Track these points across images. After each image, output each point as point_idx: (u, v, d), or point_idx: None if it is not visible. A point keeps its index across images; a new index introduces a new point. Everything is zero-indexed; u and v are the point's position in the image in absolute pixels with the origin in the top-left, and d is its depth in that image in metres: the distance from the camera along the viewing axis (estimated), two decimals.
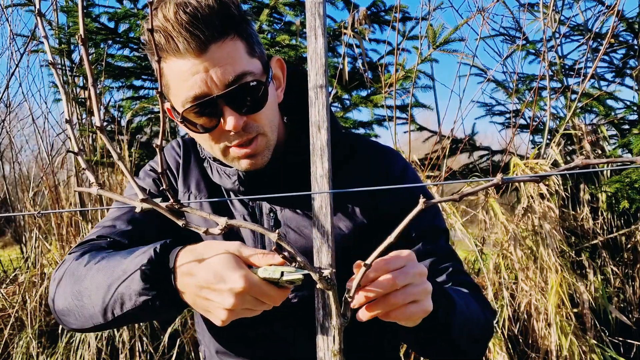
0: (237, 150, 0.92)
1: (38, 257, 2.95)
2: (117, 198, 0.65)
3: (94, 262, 0.87)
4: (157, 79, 0.50)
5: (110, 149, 0.53)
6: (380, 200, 1.02)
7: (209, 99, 0.86)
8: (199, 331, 1.17)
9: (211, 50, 0.84)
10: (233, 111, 0.87)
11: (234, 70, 0.86)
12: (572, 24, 3.50)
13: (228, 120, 0.87)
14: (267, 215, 1.02)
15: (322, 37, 0.76)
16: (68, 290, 0.88)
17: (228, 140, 0.91)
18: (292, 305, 1.01)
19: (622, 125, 3.18)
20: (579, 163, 0.48)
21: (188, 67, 0.84)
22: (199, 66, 0.84)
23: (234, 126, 0.87)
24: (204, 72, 0.84)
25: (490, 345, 2.39)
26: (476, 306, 0.94)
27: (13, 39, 3.48)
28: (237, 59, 0.87)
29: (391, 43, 3.34)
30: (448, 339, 0.84)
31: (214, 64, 0.84)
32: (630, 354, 2.63)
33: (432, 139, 3.35)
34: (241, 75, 0.86)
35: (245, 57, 0.88)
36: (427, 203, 0.54)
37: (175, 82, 0.88)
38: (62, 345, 2.52)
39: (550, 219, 2.56)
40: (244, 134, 0.90)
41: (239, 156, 0.93)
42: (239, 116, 0.88)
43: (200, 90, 0.85)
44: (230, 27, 0.86)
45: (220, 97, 0.86)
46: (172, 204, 0.58)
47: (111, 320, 0.83)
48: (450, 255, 1.02)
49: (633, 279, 2.85)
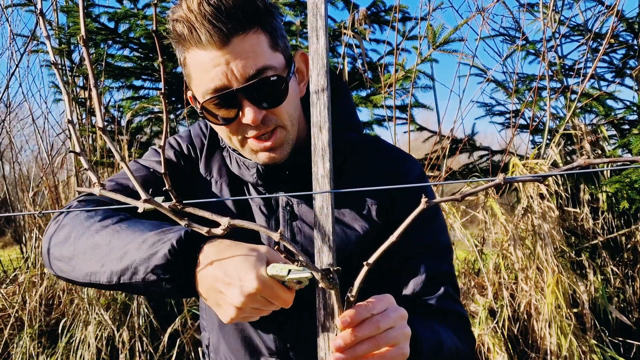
0: (256, 143, 0.92)
1: (38, 257, 2.95)
2: (118, 198, 0.65)
3: (112, 221, 0.85)
4: (157, 79, 0.50)
5: (113, 150, 0.53)
6: (397, 205, 1.02)
7: (228, 91, 0.86)
8: (204, 317, 1.17)
9: (233, 43, 0.84)
10: (252, 105, 0.87)
11: (255, 64, 0.86)
12: (572, 24, 3.50)
13: (247, 114, 0.87)
14: (283, 209, 1.01)
15: (323, 38, 0.76)
16: (73, 238, 0.86)
17: (246, 132, 0.92)
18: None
19: (622, 125, 3.18)
20: (581, 163, 0.48)
21: (210, 59, 0.85)
22: (220, 58, 0.84)
23: (253, 120, 0.87)
24: (225, 64, 0.85)
25: (490, 345, 2.39)
26: (455, 342, 0.94)
27: (13, 39, 3.48)
28: (259, 52, 0.86)
29: (391, 43, 3.34)
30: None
31: (235, 57, 0.84)
32: (630, 354, 2.63)
33: (432, 139, 3.35)
34: (262, 70, 0.86)
35: (267, 50, 0.88)
36: (429, 203, 0.54)
37: (196, 73, 0.89)
38: (62, 345, 2.52)
39: (550, 219, 2.56)
40: (263, 127, 0.90)
41: (258, 149, 0.93)
42: (258, 110, 0.88)
43: (220, 82, 0.86)
44: (254, 20, 0.86)
45: (240, 90, 0.86)
46: (174, 204, 0.58)
47: (114, 284, 0.81)
48: (447, 277, 1.01)
49: (633, 279, 2.86)
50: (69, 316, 2.62)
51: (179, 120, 3.29)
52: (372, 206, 1.01)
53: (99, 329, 2.51)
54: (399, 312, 0.73)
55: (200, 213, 0.61)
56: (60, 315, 2.70)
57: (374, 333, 0.69)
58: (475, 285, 2.71)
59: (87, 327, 2.52)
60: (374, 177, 1.03)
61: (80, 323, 2.55)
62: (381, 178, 1.03)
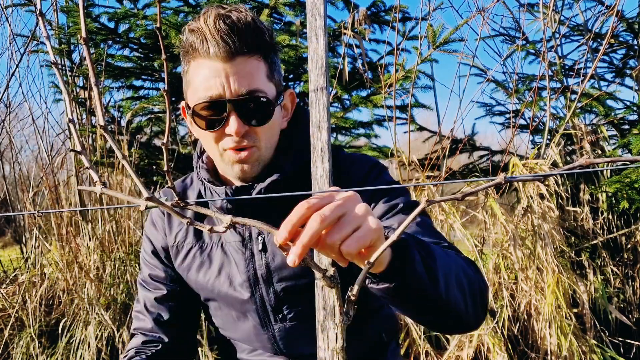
0: (233, 154, 0.99)
1: (38, 257, 2.95)
2: (120, 197, 0.65)
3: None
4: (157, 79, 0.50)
5: (115, 149, 0.53)
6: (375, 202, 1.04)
7: (220, 101, 0.94)
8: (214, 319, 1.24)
9: (237, 61, 0.94)
10: (238, 118, 0.95)
11: (249, 84, 0.95)
12: (572, 24, 3.50)
13: (231, 124, 0.95)
14: (255, 240, 1.06)
15: (323, 38, 0.76)
16: None
17: (226, 143, 0.98)
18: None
19: (622, 125, 3.18)
20: (582, 162, 0.48)
21: (212, 69, 0.94)
22: (222, 71, 0.93)
23: (236, 131, 0.95)
24: (224, 77, 0.93)
25: (490, 346, 2.39)
26: (460, 261, 0.88)
27: (13, 39, 3.48)
28: (256, 76, 0.96)
29: (391, 43, 3.34)
30: (436, 293, 0.75)
31: (235, 73, 0.94)
32: (630, 354, 2.63)
33: (432, 139, 3.35)
34: (254, 91, 0.95)
35: (263, 78, 0.97)
36: (429, 202, 0.54)
37: (196, 80, 0.96)
38: (62, 345, 2.52)
39: (550, 219, 2.56)
40: (241, 141, 0.97)
41: (233, 160, 1.00)
42: (242, 124, 0.95)
43: (217, 92, 0.94)
44: (259, 49, 0.96)
45: (231, 102, 0.94)
46: (176, 202, 0.58)
47: None
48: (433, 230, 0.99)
49: (633, 279, 2.86)
50: (69, 316, 2.62)
51: (179, 120, 3.29)
52: None
53: (99, 329, 2.51)
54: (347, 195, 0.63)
55: (202, 211, 0.61)
56: (60, 316, 2.70)
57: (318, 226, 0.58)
58: None
59: (87, 327, 2.52)
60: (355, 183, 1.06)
61: (80, 323, 2.55)
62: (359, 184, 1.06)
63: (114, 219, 2.79)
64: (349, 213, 0.60)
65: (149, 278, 1.19)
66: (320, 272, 0.63)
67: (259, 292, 1.06)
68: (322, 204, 0.60)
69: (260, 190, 1.01)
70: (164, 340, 1.16)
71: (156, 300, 1.17)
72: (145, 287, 1.19)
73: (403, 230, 0.58)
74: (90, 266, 2.70)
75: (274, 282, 1.05)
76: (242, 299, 1.08)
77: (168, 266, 1.18)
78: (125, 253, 2.71)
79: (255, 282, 1.06)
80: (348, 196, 0.62)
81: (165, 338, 1.16)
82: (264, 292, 1.06)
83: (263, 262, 1.05)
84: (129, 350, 1.16)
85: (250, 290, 1.06)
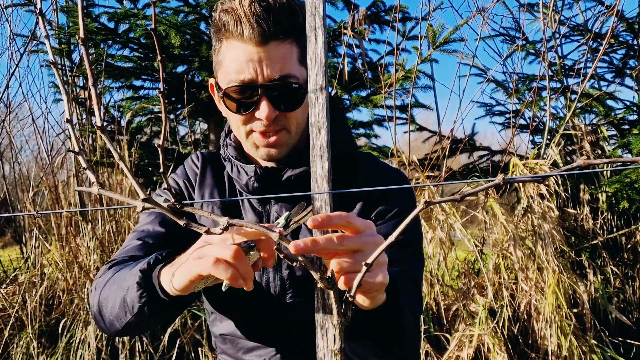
0: (260, 138, 1.00)
1: (38, 258, 2.95)
2: (117, 197, 0.65)
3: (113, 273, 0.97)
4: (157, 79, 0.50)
5: (111, 149, 0.53)
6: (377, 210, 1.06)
7: (252, 85, 0.94)
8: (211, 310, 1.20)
9: (270, 45, 0.93)
10: (269, 103, 0.95)
11: (281, 69, 0.94)
12: (572, 24, 3.50)
13: (262, 109, 0.95)
14: (273, 222, 1.06)
15: (322, 38, 0.76)
16: (96, 298, 0.97)
17: (255, 126, 0.99)
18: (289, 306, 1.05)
19: (621, 125, 3.18)
20: (581, 163, 0.48)
21: (245, 53, 0.93)
22: (255, 55, 0.93)
23: (267, 116, 0.95)
24: (257, 61, 0.93)
25: (490, 346, 2.39)
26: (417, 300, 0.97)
27: (13, 39, 3.48)
28: (288, 61, 0.95)
29: (391, 43, 3.34)
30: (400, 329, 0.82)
31: (268, 57, 0.93)
32: (630, 354, 2.63)
33: (432, 139, 3.35)
34: (286, 76, 0.95)
35: (296, 62, 0.97)
36: (428, 203, 0.54)
37: (229, 62, 0.96)
38: (62, 345, 2.52)
39: (550, 219, 2.56)
40: (271, 125, 0.98)
41: (260, 144, 1.01)
42: (273, 109, 0.96)
43: (249, 76, 0.94)
44: (293, 33, 0.95)
45: (263, 87, 0.94)
46: (173, 204, 0.58)
47: (124, 327, 0.90)
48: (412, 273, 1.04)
49: (633, 279, 2.85)
50: (69, 316, 2.62)
51: (179, 120, 3.29)
52: (367, 211, 1.06)
53: (99, 329, 2.51)
54: (374, 238, 0.67)
55: (199, 212, 0.61)
56: (60, 316, 2.70)
57: (331, 247, 0.64)
58: (475, 285, 2.71)
59: (87, 327, 2.52)
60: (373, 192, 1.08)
61: (80, 323, 2.55)
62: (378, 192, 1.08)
63: (114, 219, 2.79)
64: (367, 253, 0.64)
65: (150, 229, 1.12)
66: (318, 273, 0.63)
67: (266, 276, 1.06)
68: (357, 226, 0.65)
69: (290, 177, 1.03)
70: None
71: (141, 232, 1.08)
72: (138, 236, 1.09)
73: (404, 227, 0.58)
74: (90, 266, 2.70)
75: (282, 268, 1.05)
76: None
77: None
78: None
79: (263, 267, 1.06)
80: (374, 240, 0.66)
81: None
82: (270, 277, 1.06)
83: None
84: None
85: (258, 274, 1.07)
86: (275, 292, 1.06)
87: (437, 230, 2.59)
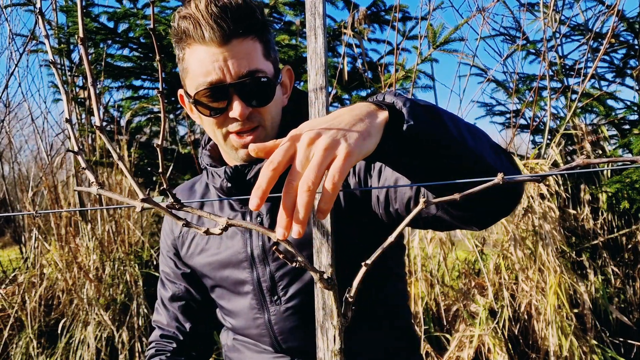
0: (237, 139, 0.99)
1: (37, 258, 2.95)
2: (117, 197, 0.64)
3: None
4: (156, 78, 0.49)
5: (110, 149, 0.53)
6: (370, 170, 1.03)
7: (221, 85, 0.94)
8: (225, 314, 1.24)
9: (232, 44, 0.93)
10: (241, 100, 0.95)
11: (248, 65, 0.94)
12: (573, 24, 3.49)
13: (235, 108, 0.95)
14: (254, 220, 1.07)
15: (322, 37, 0.75)
16: None
17: (231, 127, 0.99)
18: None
19: (622, 125, 3.17)
20: (580, 162, 0.47)
21: (209, 55, 0.93)
22: (219, 55, 0.93)
23: (240, 114, 0.94)
24: (222, 61, 0.93)
25: (490, 346, 2.39)
26: None
27: (12, 39, 3.48)
28: (253, 56, 0.96)
29: (391, 43, 3.34)
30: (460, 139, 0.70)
31: (232, 56, 0.93)
32: (630, 354, 2.62)
33: None
34: (254, 72, 0.95)
35: (260, 57, 0.97)
36: (427, 203, 0.54)
37: (194, 67, 0.96)
38: (62, 345, 2.51)
39: (550, 219, 2.55)
40: (247, 123, 0.98)
41: (238, 145, 1.00)
42: (246, 106, 0.95)
43: (216, 77, 0.94)
44: (253, 29, 0.96)
45: (232, 85, 0.94)
46: (172, 204, 0.58)
47: None
48: None
49: (633, 279, 2.85)
50: (69, 316, 2.61)
51: (179, 120, 3.28)
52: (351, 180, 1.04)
53: (98, 329, 2.51)
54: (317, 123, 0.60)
55: (198, 212, 0.61)
56: (59, 316, 2.70)
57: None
58: (475, 285, 2.70)
59: (86, 327, 2.52)
60: None
61: (79, 323, 2.55)
62: None
63: (114, 219, 2.79)
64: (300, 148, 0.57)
65: (162, 274, 1.25)
66: (317, 274, 0.62)
67: (256, 272, 1.07)
68: None
69: (258, 170, 1.02)
70: (179, 338, 1.21)
71: (169, 299, 1.23)
72: (161, 282, 1.25)
73: (404, 226, 0.58)
74: (90, 266, 2.70)
75: (269, 262, 1.06)
76: (241, 279, 1.09)
77: (178, 262, 1.22)
78: (125, 253, 2.71)
79: (252, 262, 1.07)
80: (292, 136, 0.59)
81: (180, 335, 1.21)
82: (260, 273, 1.07)
83: (259, 242, 1.06)
84: (150, 343, 1.24)
85: (248, 271, 1.08)
86: (267, 287, 1.08)
87: None
